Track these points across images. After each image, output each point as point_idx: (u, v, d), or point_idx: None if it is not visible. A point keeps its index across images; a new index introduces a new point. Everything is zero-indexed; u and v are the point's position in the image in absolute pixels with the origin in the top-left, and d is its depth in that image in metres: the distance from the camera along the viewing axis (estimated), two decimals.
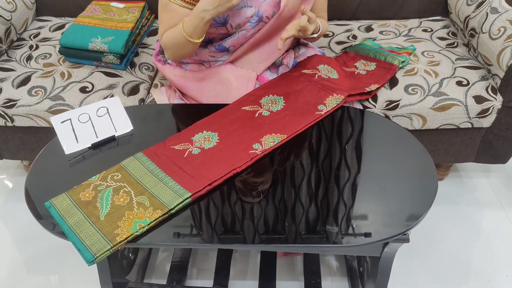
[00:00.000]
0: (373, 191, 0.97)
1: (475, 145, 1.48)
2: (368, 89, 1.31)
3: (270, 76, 1.29)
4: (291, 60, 1.32)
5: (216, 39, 1.24)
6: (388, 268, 1.03)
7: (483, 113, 1.35)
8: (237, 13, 1.16)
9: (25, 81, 1.42)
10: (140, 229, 0.87)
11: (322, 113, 1.15)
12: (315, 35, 1.24)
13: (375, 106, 1.35)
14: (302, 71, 1.29)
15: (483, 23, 1.40)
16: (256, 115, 1.15)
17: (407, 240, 0.91)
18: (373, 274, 1.10)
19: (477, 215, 1.56)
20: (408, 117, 1.36)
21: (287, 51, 1.34)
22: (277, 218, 0.92)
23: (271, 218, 0.92)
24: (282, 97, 1.20)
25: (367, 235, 0.88)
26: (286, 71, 1.30)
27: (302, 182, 1.00)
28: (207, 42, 1.25)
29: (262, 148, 1.05)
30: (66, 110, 1.36)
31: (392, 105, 1.34)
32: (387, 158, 1.06)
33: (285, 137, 1.08)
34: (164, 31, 1.20)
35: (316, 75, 1.28)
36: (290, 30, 1.11)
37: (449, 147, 1.48)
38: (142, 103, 1.39)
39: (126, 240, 0.86)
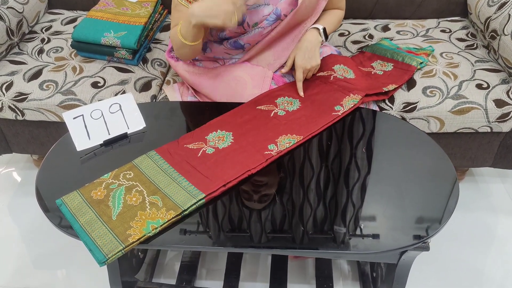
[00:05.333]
0: (391, 197, 0.94)
1: (493, 150, 1.44)
2: (385, 89, 1.28)
3: (285, 77, 1.26)
4: None
5: (233, 37, 1.22)
6: (405, 276, 1.00)
7: (503, 118, 1.31)
8: (254, 12, 1.14)
9: (37, 74, 1.41)
10: (152, 230, 0.85)
11: (339, 113, 1.13)
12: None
13: (391, 108, 1.32)
14: (317, 75, 1.26)
15: (505, 25, 1.36)
16: (272, 114, 1.12)
17: (427, 248, 0.88)
18: (388, 280, 1.07)
19: (492, 221, 1.53)
20: (425, 120, 1.33)
21: None
22: (291, 222, 0.89)
23: (285, 222, 0.90)
24: (298, 99, 1.17)
25: (385, 242, 0.85)
26: None
27: (317, 184, 0.97)
28: (222, 39, 1.23)
29: (277, 149, 1.02)
30: (77, 105, 1.34)
31: (410, 107, 1.31)
32: (406, 162, 1.03)
33: (301, 138, 1.05)
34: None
35: (332, 76, 1.25)
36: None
37: (466, 151, 1.45)
38: (154, 100, 1.37)
39: (138, 241, 0.84)
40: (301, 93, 1.17)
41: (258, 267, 1.36)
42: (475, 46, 1.51)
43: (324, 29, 1.22)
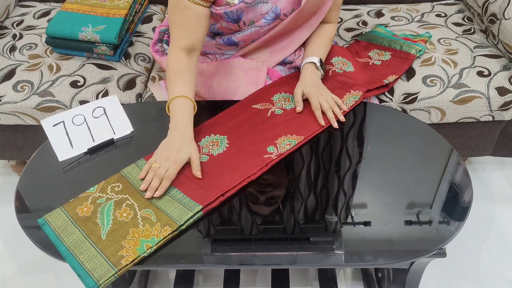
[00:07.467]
0: (401, 199, 0.88)
1: (494, 138, 1.40)
2: (386, 81, 1.21)
3: (281, 71, 1.18)
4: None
5: (226, 33, 1.12)
6: (417, 281, 0.95)
7: (505, 106, 1.26)
8: (251, 10, 1.04)
9: (10, 75, 1.30)
10: (147, 249, 0.78)
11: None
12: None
13: (391, 100, 1.26)
14: None
15: (506, 8, 1.31)
16: (269, 114, 1.05)
17: (443, 255, 0.82)
18: (397, 282, 1.03)
19: (492, 210, 1.50)
20: (426, 111, 1.27)
21: (299, 48, 1.22)
22: (295, 229, 0.83)
23: (293, 231, 0.83)
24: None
25: (397, 250, 0.80)
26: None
27: (315, 185, 0.91)
28: (215, 34, 1.14)
29: (277, 151, 0.95)
30: (56, 106, 1.24)
31: (410, 98, 1.25)
32: (414, 159, 0.97)
33: (301, 139, 0.98)
34: (177, 37, 1.00)
35: (330, 71, 1.18)
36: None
37: (466, 141, 1.40)
38: (139, 99, 1.28)
39: (132, 263, 0.77)
40: (322, 122, 1.03)
41: (258, 271, 1.30)
42: (472, 30, 1.45)
43: (321, 61, 1.12)
